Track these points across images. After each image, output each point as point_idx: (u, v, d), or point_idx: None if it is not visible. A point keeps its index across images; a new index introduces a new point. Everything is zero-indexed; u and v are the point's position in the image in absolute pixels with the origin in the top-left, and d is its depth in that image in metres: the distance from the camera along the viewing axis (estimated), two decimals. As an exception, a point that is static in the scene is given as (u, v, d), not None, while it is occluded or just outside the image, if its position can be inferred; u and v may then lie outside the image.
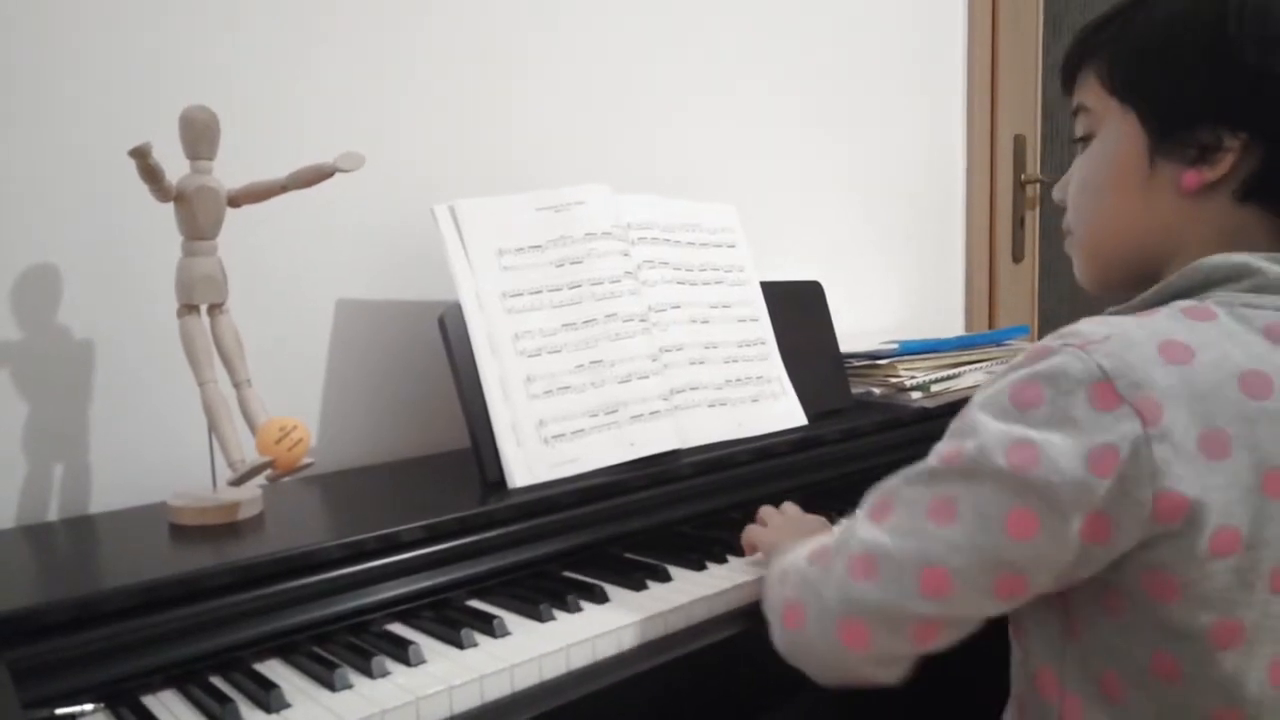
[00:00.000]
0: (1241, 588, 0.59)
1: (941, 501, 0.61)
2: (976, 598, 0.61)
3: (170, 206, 0.90)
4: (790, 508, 1.00)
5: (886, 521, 0.64)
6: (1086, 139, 0.75)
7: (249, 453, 0.88)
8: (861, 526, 0.66)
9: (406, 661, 0.74)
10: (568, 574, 0.93)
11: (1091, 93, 0.73)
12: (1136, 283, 0.71)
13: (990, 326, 2.13)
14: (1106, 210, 0.73)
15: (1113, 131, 0.71)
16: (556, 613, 0.83)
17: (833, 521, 1.08)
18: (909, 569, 0.62)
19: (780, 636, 0.73)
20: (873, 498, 0.68)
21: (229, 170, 0.93)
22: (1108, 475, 0.57)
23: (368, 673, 0.72)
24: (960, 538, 0.60)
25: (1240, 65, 0.64)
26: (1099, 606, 0.63)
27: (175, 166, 0.89)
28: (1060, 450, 0.57)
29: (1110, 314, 0.68)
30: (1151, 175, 0.69)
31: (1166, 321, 0.62)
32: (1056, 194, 0.79)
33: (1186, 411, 0.57)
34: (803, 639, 0.69)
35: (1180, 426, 0.57)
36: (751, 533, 0.94)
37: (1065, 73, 0.76)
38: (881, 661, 0.65)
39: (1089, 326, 0.62)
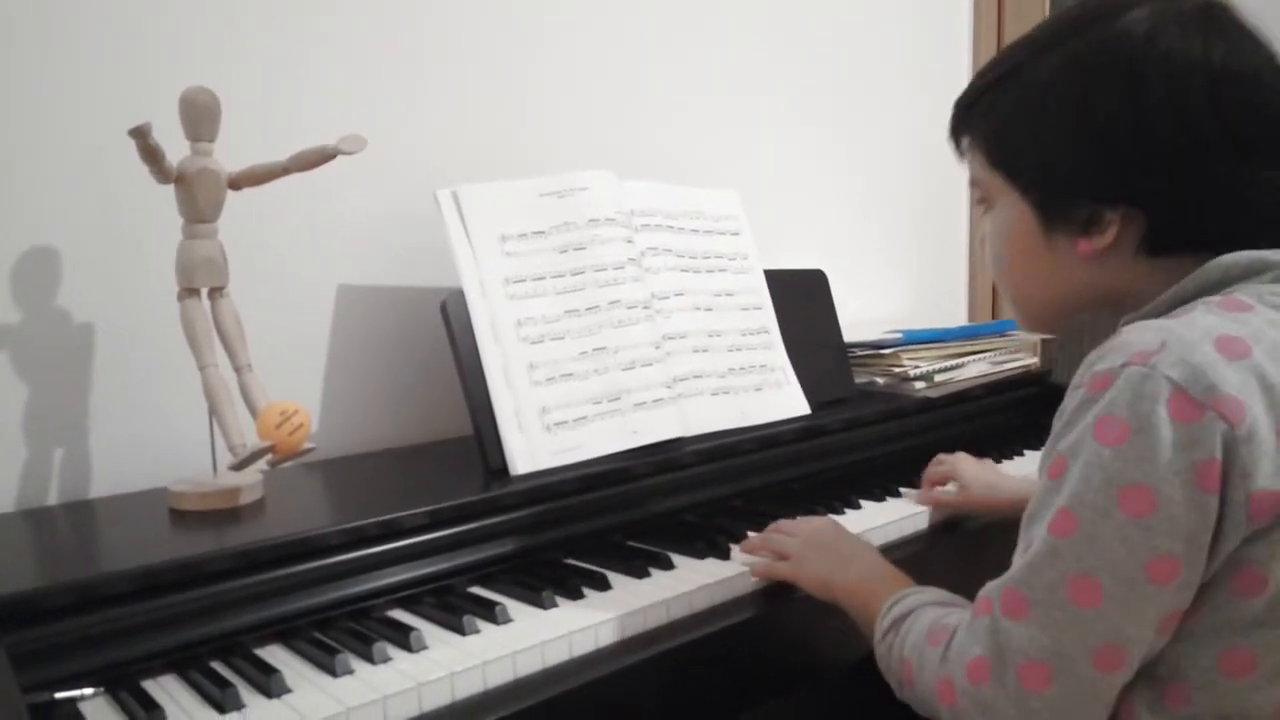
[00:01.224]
0: None
1: (1078, 581, 0.59)
2: (1147, 648, 0.61)
3: (170, 189, 0.90)
4: (793, 525, 0.93)
5: (1030, 618, 0.61)
6: (987, 203, 0.76)
7: (250, 437, 0.88)
8: (1009, 629, 0.62)
9: (408, 647, 0.73)
10: (570, 561, 0.93)
11: (978, 166, 0.74)
12: (1076, 318, 0.74)
13: (994, 316, 2.12)
14: (1021, 279, 0.74)
15: (1005, 207, 0.72)
16: (559, 600, 0.82)
17: (835, 511, 1.08)
18: (1082, 660, 0.60)
19: None
20: (999, 593, 0.64)
21: (230, 154, 0.92)
22: (1217, 488, 0.57)
23: (369, 658, 0.71)
24: (1116, 610, 0.59)
25: (1098, 145, 0.65)
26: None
27: (176, 150, 0.88)
28: (1170, 483, 0.57)
29: (1137, 318, 0.67)
30: (1050, 245, 0.70)
31: (1209, 318, 0.61)
32: (976, 252, 0.79)
33: (1262, 405, 0.57)
34: None
35: (1263, 422, 0.57)
36: (780, 572, 0.88)
37: (953, 138, 0.77)
38: None
39: (1139, 336, 0.60)
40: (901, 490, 1.15)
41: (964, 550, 1.09)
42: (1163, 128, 0.64)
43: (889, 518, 1.06)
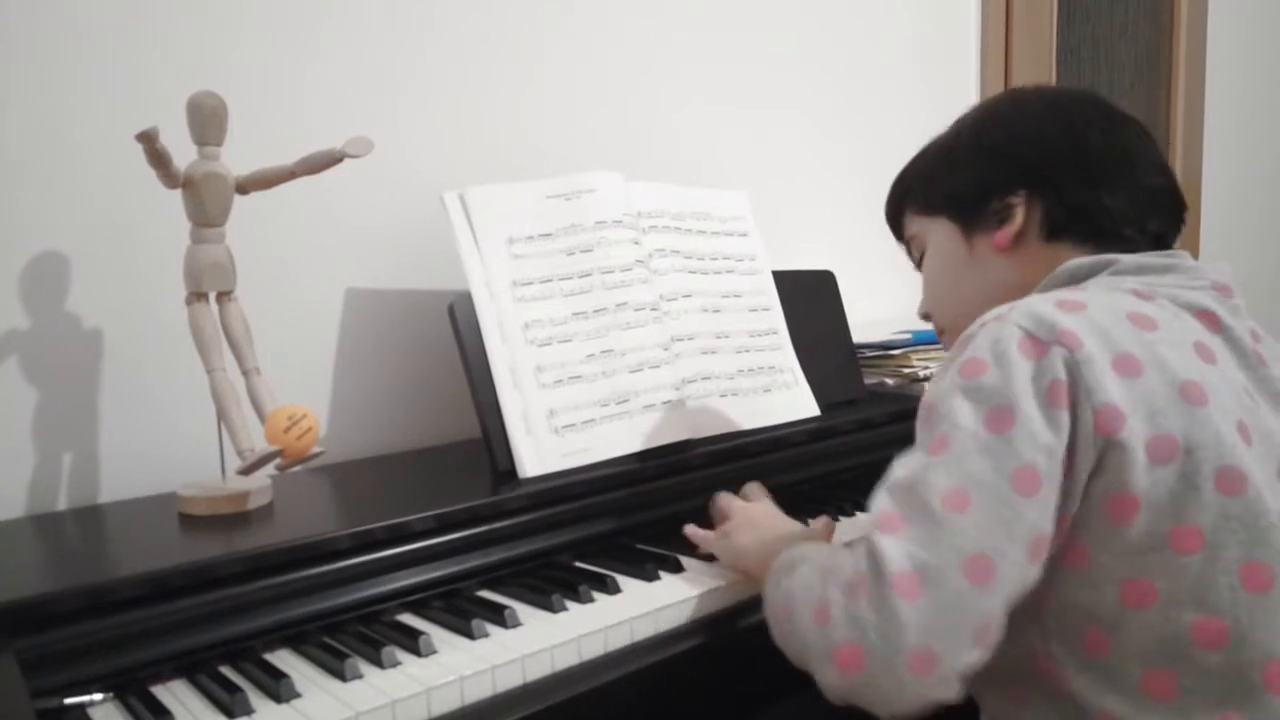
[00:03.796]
0: (1189, 490, 0.64)
1: (950, 492, 0.63)
2: (1018, 571, 0.63)
3: (178, 194, 0.90)
4: (732, 501, 0.99)
5: (906, 532, 0.63)
6: (921, 258, 0.92)
7: (258, 441, 0.88)
8: (884, 544, 0.63)
9: (417, 652, 0.73)
10: (579, 564, 0.92)
11: (913, 223, 0.92)
12: None
13: (1003, 317, 2.11)
14: (957, 296, 0.88)
15: (936, 239, 0.89)
16: (568, 603, 0.82)
17: (845, 513, 1.07)
18: (951, 569, 0.61)
19: (835, 680, 0.65)
20: (874, 515, 0.66)
21: (237, 159, 0.92)
22: (1063, 404, 0.64)
23: (378, 663, 0.71)
24: (983, 518, 0.62)
25: (996, 147, 0.84)
26: (1063, 567, 0.67)
27: (183, 155, 0.88)
28: (1027, 400, 0.64)
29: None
30: (973, 252, 0.85)
31: (1053, 294, 0.72)
32: (921, 312, 0.95)
33: (1096, 341, 0.66)
34: (866, 680, 0.63)
35: (1097, 352, 0.65)
36: (705, 540, 0.93)
37: (891, 223, 0.97)
38: (945, 680, 0.62)
39: (996, 308, 0.71)
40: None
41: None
42: (1049, 135, 0.83)
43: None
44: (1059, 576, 0.67)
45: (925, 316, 0.95)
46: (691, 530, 0.95)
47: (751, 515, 0.94)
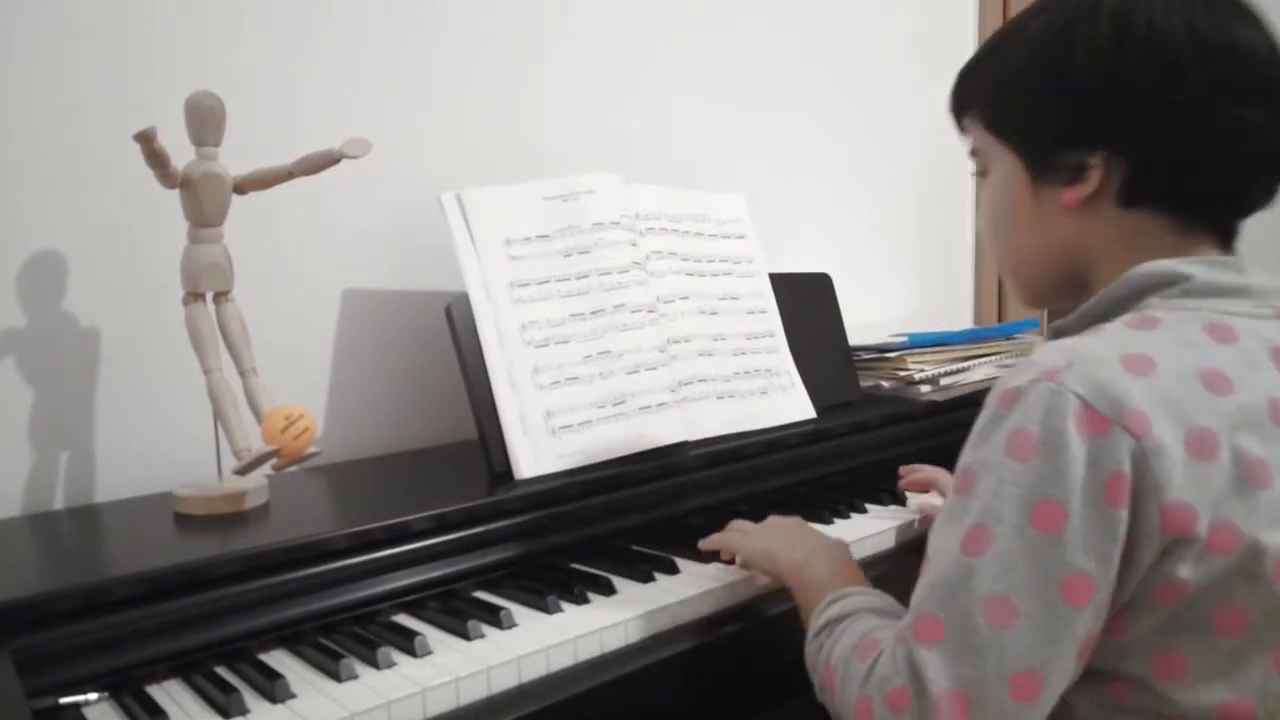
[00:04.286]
0: (1246, 580, 0.59)
1: (994, 600, 0.59)
2: (1065, 678, 0.60)
3: (176, 194, 0.90)
4: (766, 521, 0.94)
5: (948, 645, 0.60)
6: (983, 174, 0.79)
7: (255, 441, 0.88)
8: (925, 658, 0.60)
9: (413, 653, 0.73)
10: (575, 566, 0.93)
11: (976, 134, 0.78)
12: (1071, 293, 0.75)
13: (999, 320, 2.12)
14: (1011, 241, 0.77)
15: (999, 168, 0.76)
16: (564, 604, 0.82)
17: (840, 515, 1.08)
18: (997, 686, 0.58)
19: None
20: (912, 618, 0.62)
21: (234, 159, 0.92)
22: (1125, 503, 0.58)
23: (374, 663, 0.71)
24: (1031, 631, 0.58)
25: (1081, 91, 0.68)
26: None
27: (181, 155, 0.88)
28: (1080, 497, 0.58)
29: (1056, 331, 0.72)
30: (1038, 201, 0.73)
31: (1118, 336, 0.64)
32: (978, 226, 0.81)
33: (1167, 419, 0.59)
34: None
35: (1168, 435, 0.58)
36: (730, 542, 0.90)
37: (954, 116, 0.81)
38: None
39: (1046, 356, 0.62)
40: (908, 495, 1.15)
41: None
42: (1148, 72, 0.66)
43: (896, 520, 1.05)
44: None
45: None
46: (711, 539, 0.92)
47: (771, 522, 0.92)
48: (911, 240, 1.97)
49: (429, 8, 1.23)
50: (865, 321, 1.63)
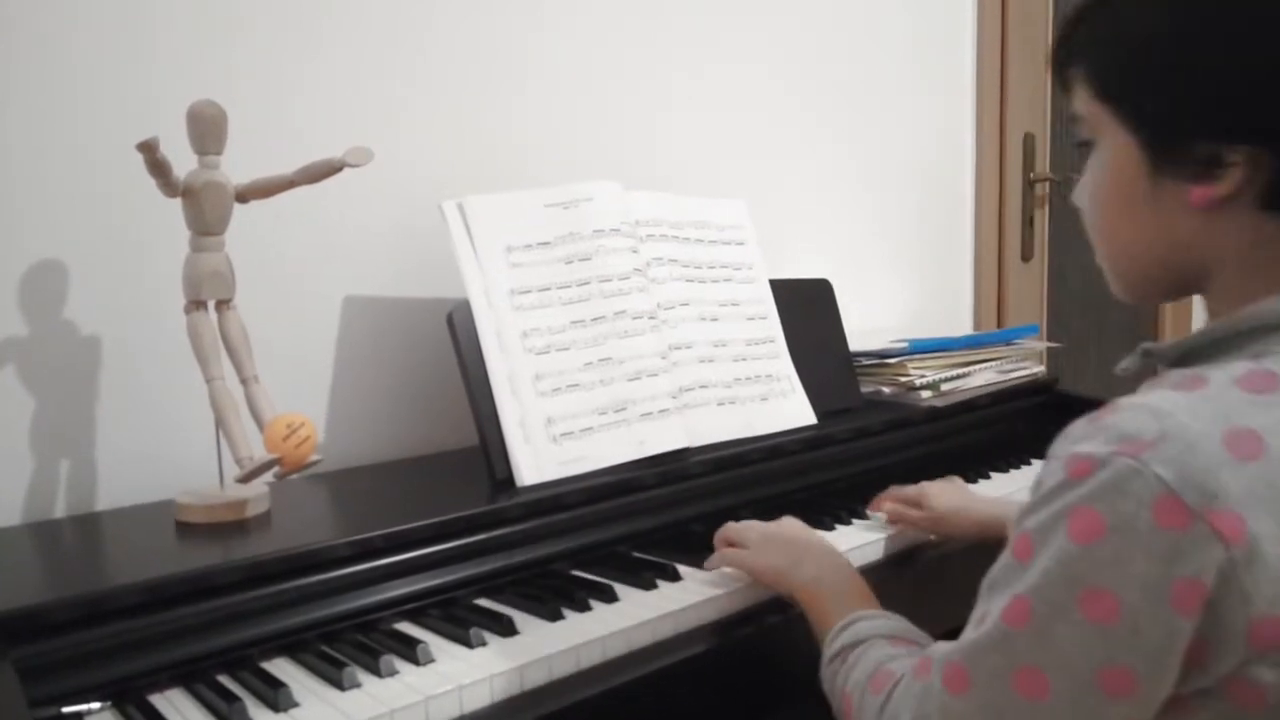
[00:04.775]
0: None
1: (1025, 672, 0.55)
2: None
3: (178, 202, 0.90)
4: (752, 522, 0.94)
5: (969, 695, 0.57)
6: (1087, 143, 0.66)
7: (256, 450, 0.88)
8: (951, 706, 0.58)
9: (415, 660, 0.73)
10: (577, 573, 0.93)
11: (1082, 98, 0.64)
12: (1175, 294, 0.66)
13: (999, 326, 2.12)
14: (1117, 230, 0.65)
15: (1109, 142, 0.63)
16: (566, 612, 0.82)
17: (841, 521, 1.07)
18: None
19: None
20: (942, 663, 0.60)
21: (236, 168, 0.92)
22: (1194, 612, 0.51)
23: (376, 672, 0.71)
24: (1060, 709, 0.54)
25: (1229, 68, 0.56)
26: (1160, 714, 0.56)
27: (182, 163, 0.89)
28: (1139, 594, 0.51)
29: (1146, 355, 0.64)
30: (1155, 193, 0.61)
31: (1224, 400, 0.54)
32: (1075, 200, 0.70)
33: (1270, 517, 0.50)
34: None
35: (1267, 537, 0.50)
36: (736, 558, 0.89)
37: (1056, 73, 0.67)
38: None
39: (1135, 421, 0.53)
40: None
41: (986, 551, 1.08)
42: None
43: (896, 527, 1.05)
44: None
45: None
46: (712, 559, 0.91)
47: (770, 533, 0.91)
48: (911, 244, 1.97)
49: (428, 16, 1.23)
50: (865, 327, 1.63)
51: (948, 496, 1.05)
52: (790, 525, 0.93)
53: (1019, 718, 0.56)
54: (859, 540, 1.01)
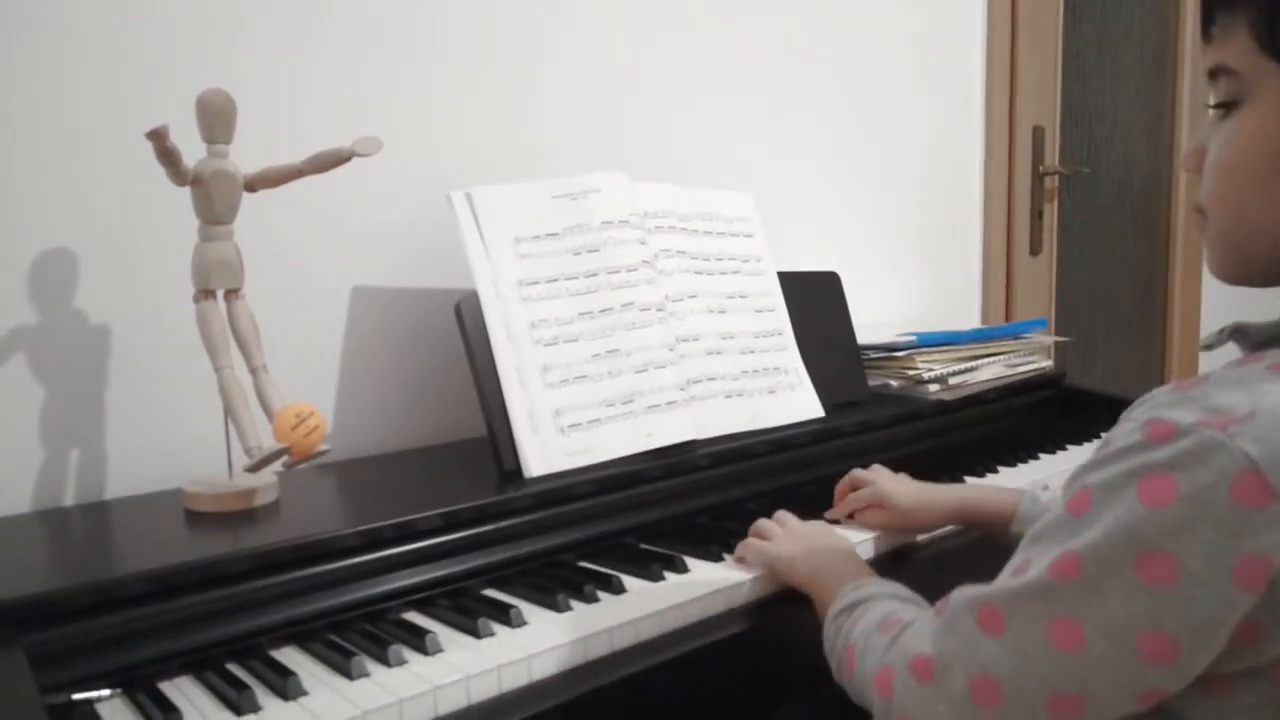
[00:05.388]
0: None
1: (1063, 624, 0.54)
2: (1115, 713, 0.56)
3: (186, 191, 0.90)
4: (787, 517, 0.95)
5: (1002, 638, 0.57)
6: (1227, 106, 0.59)
7: (265, 439, 0.88)
8: (976, 640, 0.58)
9: (424, 650, 0.73)
10: (584, 564, 0.93)
11: (1236, 50, 0.57)
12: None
13: (1007, 319, 2.12)
14: (1255, 201, 0.59)
15: (1268, 103, 0.57)
16: (573, 602, 0.82)
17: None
18: (1036, 697, 0.56)
19: None
20: (975, 603, 0.59)
21: (244, 157, 0.92)
22: (1256, 589, 0.50)
23: (385, 661, 0.71)
24: (1090, 665, 0.54)
25: None
26: (1194, 687, 0.55)
27: (191, 152, 0.89)
28: (1201, 563, 0.50)
29: (1237, 331, 0.60)
30: None
31: None
32: (1186, 165, 0.64)
33: None
34: None
35: None
36: (756, 550, 0.90)
37: (1204, 18, 0.60)
38: None
39: (1225, 395, 0.52)
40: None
41: (982, 547, 1.08)
42: None
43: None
44: (1185, 692, 0.55)
45: (1190, 171, 0.64)
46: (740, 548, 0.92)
47: (795, 529, 0.92)
48: (920, 239, 1.96)
49: (436, 8, 1.23)
50: (873, 320, 1.63)
51: (904, 492, 1.01)
52: (816, 525, 0.94)
53: (1045, 668, 0.55)
54: (859, 537, 1.01)
